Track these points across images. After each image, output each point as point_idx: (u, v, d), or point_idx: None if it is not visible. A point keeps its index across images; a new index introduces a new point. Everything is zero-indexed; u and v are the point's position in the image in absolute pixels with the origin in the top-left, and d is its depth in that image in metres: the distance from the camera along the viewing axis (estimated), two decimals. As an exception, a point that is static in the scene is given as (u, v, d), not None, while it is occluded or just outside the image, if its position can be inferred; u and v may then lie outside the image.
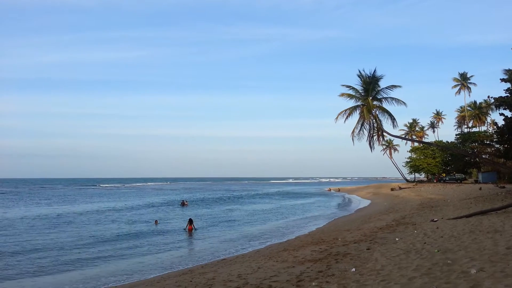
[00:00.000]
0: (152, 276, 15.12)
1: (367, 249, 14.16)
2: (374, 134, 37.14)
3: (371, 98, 37.46)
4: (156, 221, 33.00)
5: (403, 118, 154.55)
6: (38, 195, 78.21)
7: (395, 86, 38.23)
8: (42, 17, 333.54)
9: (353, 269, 10.82)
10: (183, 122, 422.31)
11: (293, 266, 12.50)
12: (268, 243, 22.46)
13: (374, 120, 36.82)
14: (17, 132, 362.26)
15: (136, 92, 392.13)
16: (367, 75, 37.66)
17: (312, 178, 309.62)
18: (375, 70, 37.45)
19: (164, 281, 13.03)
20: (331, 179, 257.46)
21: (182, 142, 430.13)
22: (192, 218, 30.10)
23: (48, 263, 17.91)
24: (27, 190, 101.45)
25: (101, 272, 16.43)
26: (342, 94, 37.06)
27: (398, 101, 38.06)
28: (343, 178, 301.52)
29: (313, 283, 9.76)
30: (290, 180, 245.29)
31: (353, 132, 37.37)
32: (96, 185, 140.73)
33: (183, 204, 52.29)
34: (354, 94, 37.27)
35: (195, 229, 28.55)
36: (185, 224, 29.68)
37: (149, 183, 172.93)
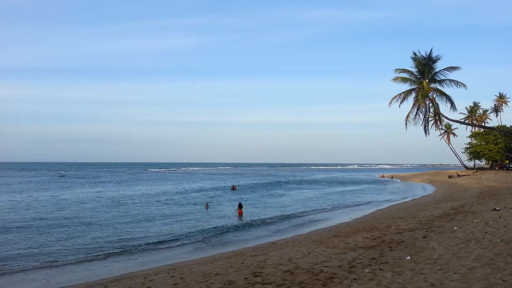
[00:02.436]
0: (204, 255, 15.64)
1: (423, 238, 13.66)
2: (430, 119, 35.43)
3: (427, 80, 35.64)
4: (207, 204, 33.93)
5: (462, 101, 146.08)
6: (106, 177, 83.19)
7: (453, 68, 36.10)
8: (100, 7, 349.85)
9: (408, 257, 10.50)
10: (232, 108, 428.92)
11: (345, 253, 12.36)
12: (317, 229, 22.37)
13: (430, 104, 35.07)
14: (77, 117, 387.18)
15: (187, 79, 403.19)
16: (423, 56, 35.81)
17: (363, 164, 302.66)
18: (431, 52, 35.53)
19: (216, 261, 13.41)
20: (384, 166, 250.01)
21: (231, 127, 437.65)
22: (241, 202, 30.65)
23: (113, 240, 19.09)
24: (94, 173, 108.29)
25: (158, 251, 17.29)
26: (396, 79, 35.57)
27: (457, 83, 35.98)
28: (397, 164, 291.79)
29: (366, 270, 9.59)
30: (340, 167, 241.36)
31: (407, 116, 35.87)
32: (149, 170, 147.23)
33: (233, 188, 53.32)
34: (408, 77, 35.65)
35: (244, 213, 29.04)
36: (235, 208, 30.28)
37: (199, 168, 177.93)
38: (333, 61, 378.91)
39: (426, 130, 36.38)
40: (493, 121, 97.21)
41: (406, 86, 36.40)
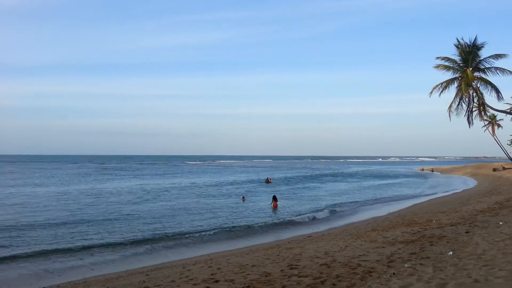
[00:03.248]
0: (240, 246, 15.83)
1: (465, 233, 13.14)
2: (474, 109, 33.87)
3: (471, 69, 34.04)
4: (243, 197, 34.23)
5: (509, 91, 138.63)
6: (145, 170, 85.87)
7: (500, 56, 34.24)
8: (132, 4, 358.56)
9: (450, 253, 10.13)
10: (264, 101, 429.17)
11: (383, 247, 12.10)
12: (353, 222, 22.07)
13: (474, 94, 33.50)
14: (116, 111, 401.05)
15: (220, 73, 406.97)
16: (466, 44, 34.18)
17: (404, 157, 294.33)
18: (475, 38, 33.83)
19: (253, 253, 13.52)
20: (425, 159, 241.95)
21: (265, 120, 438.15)
22: (276, 195, 30.70)
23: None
24: (134, 166, 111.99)
25: (196, 241, 17.69)
26: (438, 66, 34.16)
27: (503, 71, 34.12)
28: (439, 157, 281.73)
29: (406, 265, 9.35)
30: (380, 160, 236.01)
31: (450, 106, 34.45)
32: (186, 163, 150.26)
33: (267, 181, 53.46)
34: (451, 65, 34.16)
35: (279, 206, 29.07)
36: (270, 201, 30.36)
37: (234, 161, 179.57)
38: (364, 52, 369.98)
39: (469, 121, 34.83)
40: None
41: (448, 75, 34.93)
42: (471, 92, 33.61)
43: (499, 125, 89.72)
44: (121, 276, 11.72)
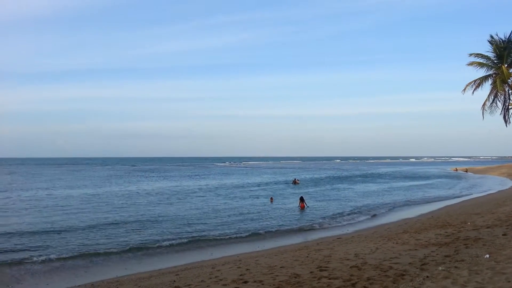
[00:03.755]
0: (268, 247, 15.82)
1: (503, 235, 12.64)
2: (510, 107, 32.55)
3: (506, 65, 32.72)
4: (271, 198, 34.19)
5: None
6: (172, 172, 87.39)
7: (538, 50, 32.73)
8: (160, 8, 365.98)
9: (487, 256, 9.77)
10: (290, 102, 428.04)
11: (416, 249, 11.81)
12: (384, 224, 21.64)
13: (510, 91, 32.23)
14: (143, 115, 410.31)
15: (243, 75, 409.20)
16: (501, 39, 32.88)
17: (439, 157, 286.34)
18: (511, 34, 32.50)
19: (281, 254, 13.49)
20: (459, 159, 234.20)
21: (291, 121, 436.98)
22: (303, 196, 30.53)
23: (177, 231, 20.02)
24: (162, 168, 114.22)
25: (225, 242, 17.85)
26: (471, 63, 33.05)
27: (542, 67, 32.63)
28: (473, 157, 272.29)
29: (440, 268, 9.09)
30: (414, 160, 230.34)
31: (484, 105, 33.27)
32: (214, 164, 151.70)
33: (294, 182, 53.22)
34: (485, 62, 32.97)
35: (307, 206, 28.89)
36: (297, 202, 30.21)
37: (261, 162, 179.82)
38: (392, 49, 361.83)
39: (505, 119, 33.47)
40: None
41: (482, 72, 33.72)
42: (506, 89, 32.34)
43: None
44: (152, 275, 11.96)
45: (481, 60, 33.66)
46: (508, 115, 34.07)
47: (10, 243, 17.09)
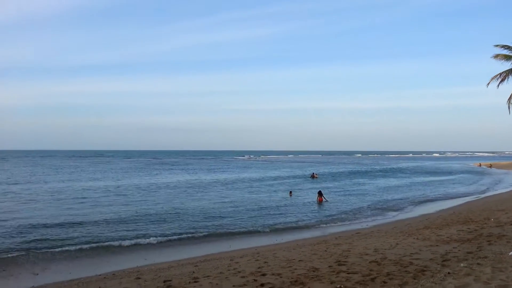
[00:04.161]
0: (286, 241, 15.83)
1: (528, 232, 12.30)
2: (538, 101, 31.44)
3: (534, 57, 31.55)
4: (290, 192, 34.15)
5: None
6: (194, 165, 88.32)
7: None
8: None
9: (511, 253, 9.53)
10: (309, 95, 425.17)
11: (437, 245, 11.60)
12: (403, 219, 21.35)
13: (538, 84, 31.11)
14: (173, 109, 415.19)
15: (270, 68, 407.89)
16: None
17: (460, 152, 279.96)
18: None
19: (299, 248, 13.48)
20: (484, 154, 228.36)
21: (310, 115, 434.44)
22: (321, 190, 30.36)
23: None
24: (183, 161, 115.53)
25: (243, 234, 17.96)
26: (497, 56, 32.05)
27: None
28: (498, 152, 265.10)
29: (462, 264, 8.91)
30: (438, 155, 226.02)
31: (510, 98, 32.27)
32: (235, 158, 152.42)
33: (313, 176, 52.97)
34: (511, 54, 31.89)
35: (326, 201, 28.74)
36: (315, 196, 30.07)
37: (279, 156, 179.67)
38: (414, 43, 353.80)
39: (532, 113, 32.36)
40: None
41: (508, 65, 32.65)
42: (534, 82, 31.22)
43: None
44: (172, 266, 12.13)
45: (507, 52, 32.57)
46: (536, 109, 32.91)
47: (34, 234, 17.59)
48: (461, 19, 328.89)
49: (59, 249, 15.00)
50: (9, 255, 14.08)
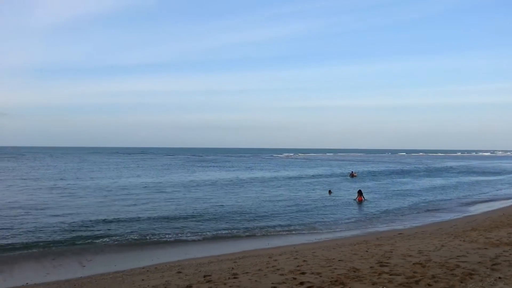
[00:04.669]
0: (325, 239, 15.63)
1: None
2: None
3: None
4: (329, 191, 33.71)
5: None
6: (233, 162, 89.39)
7: None
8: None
9: None
10: (354, 93, 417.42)
11: (485, 248, 11.04)
12: (448, 220, 20.48)
13: None
14: (210, 107, 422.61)
15: (295, 66, 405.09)
16: None
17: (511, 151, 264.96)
18: None
19: (339, 247, 13.26)
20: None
21: (354, 113, 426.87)
22: (361, 190, 29.71)
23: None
24: (223, 158, 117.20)
25: (281, 233, 17.94)
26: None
27: None
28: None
29: (514, 269, 8.42)
30: (489, 154, 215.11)
31: None
32: (273, 155, 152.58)
33: (352, 175, 51.98)
34: None
35: (366, 200, 28.11)
36: (355, 195, 29.49)
37: (318, 154, 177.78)
38: (461, 36, 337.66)
39: None
40: None
41: None
42: None
43: None
44: (211, 261, 12.31)
45: None
46: None
47: (81, 227, 18.45)
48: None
49: (104, 242, 15.69)
50: (58, 247, 14.88)
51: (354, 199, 28.65)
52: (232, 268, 10.53)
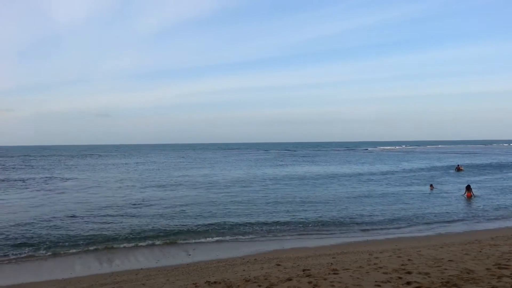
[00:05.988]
0: (431, 238, 14.60)
1: None
2: None
3: None
4: (431, 185, 31.43)
5: None
6: (328, 157, 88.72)
7: None
8: None
9: None
10: (448, 79, 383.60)
11: None
12: None
13: None
14: (289, 101, 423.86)
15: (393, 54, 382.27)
16: None
17: None
18: None
19: (447, 247, 12.27)
20: None
21: (449, 100, 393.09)
22: (470, 185, 27.10)
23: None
24: (312, 152, 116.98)
25: (381, 229, 17.24)
26: None
27: None
28: None
29: None
30: None
31: None
32: (367, 149, 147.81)
33: (458, 169, 47.76)
34: None
35: (475, 196, 25.60)
36: (462, 191, 27.04)
37: (414, 147, 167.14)
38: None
39: None
40: None
41: None
42: None
43: None
44: (309, 256, 12.28)
45: None
46: None
47: (187, 218, 19.78)
48: None
49: (206, 240, 15.85)
50: (167, 240, 15.77)
51: (462, 195, 26.30)
52: (331, 264, 10.38)
